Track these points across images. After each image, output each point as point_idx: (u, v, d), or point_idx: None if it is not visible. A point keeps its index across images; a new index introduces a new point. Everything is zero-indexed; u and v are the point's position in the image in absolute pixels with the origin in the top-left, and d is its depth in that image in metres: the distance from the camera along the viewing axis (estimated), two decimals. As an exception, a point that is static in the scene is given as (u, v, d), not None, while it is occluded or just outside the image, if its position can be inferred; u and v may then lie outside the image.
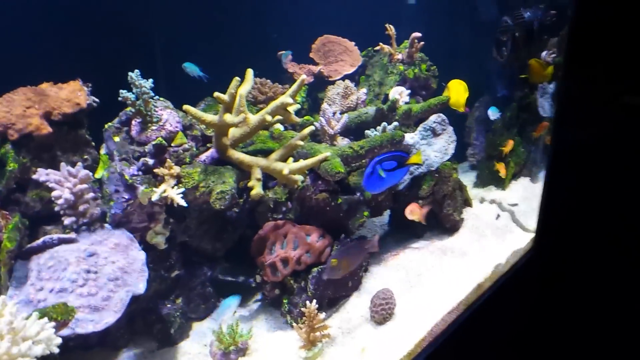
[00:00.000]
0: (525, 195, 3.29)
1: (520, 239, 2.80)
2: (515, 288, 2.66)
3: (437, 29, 3.10)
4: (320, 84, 3.01)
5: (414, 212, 2.57)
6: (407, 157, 2.21)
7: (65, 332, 1.67)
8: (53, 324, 1.52)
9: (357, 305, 2.37)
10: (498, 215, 3.08)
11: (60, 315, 1.61)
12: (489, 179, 3.45)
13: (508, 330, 2.75)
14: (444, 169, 2.76)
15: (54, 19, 2.09)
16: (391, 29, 2.89)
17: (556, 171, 2.65)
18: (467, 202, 3.13)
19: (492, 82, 3.54)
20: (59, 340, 1.53)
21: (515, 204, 3.17)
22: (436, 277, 2.54)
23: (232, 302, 2.17)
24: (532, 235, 2.81)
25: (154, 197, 1.94)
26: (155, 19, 2.40)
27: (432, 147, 2.76)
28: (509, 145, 3.23)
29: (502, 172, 3.27)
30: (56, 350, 1.51)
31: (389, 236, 2.91)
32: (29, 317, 1.49)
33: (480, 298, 2.44)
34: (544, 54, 3.39)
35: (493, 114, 3.29)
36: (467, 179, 3.49)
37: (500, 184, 3.36)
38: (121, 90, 1.99)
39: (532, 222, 2.89)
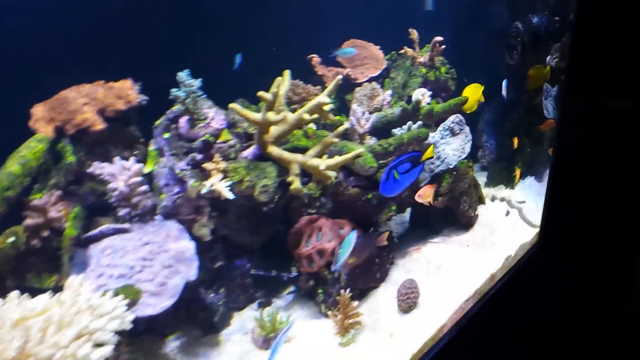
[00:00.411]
0: (532, 193, 3.41)
1: (527, 234, 2.95)
2: (523, 278, 2.78)
3: (453, 34, 3.21)
4: (346, 86, 3.10)
5: (424, 194, 2.55)
6: (421, 156, 2.28)
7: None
8: (126, 301, 1.63)
9: (385, 295, 2.47)
10: (507, 212, 3.23)
11: (129, 295, 1.71)
12: (498, 178, 3.58)
13: (518, 317, 2.89)
14: (461, 167, 2.88)
15: (106, 22, 2.18)
16: (414, 33, 3.01)
17: (559, 170, 2.83)
18: (480, 200, 3.26)
19: (502, 85, 3.64)
20: (132, 317, 1.64)
21: (523, 202, 3.31)
22: (454, 269, 2.65)
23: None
24: (537, 230, 2.96)
25: (204, 190, 2.03)
26: (192, 24, 2.50)
27: (451, 146, 2.87)
28: (516, 141, 3.38)
29: (518, 175, 3.44)
30: (129, 327, 1.62)
31: (410, 232, 3.03)
32: (103, 295, 1.60)
33: (493, 287, 2.58)
34: (548, 58, 3.48)
35: (504, 87, 3.37)
36: (479, 179, 3.54)
37: (509, 183, 3.49)
38: (172, 89, 2.08)
39: (537, 218, 3.00)
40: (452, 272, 2.64)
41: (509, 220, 3.16)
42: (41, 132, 1.94)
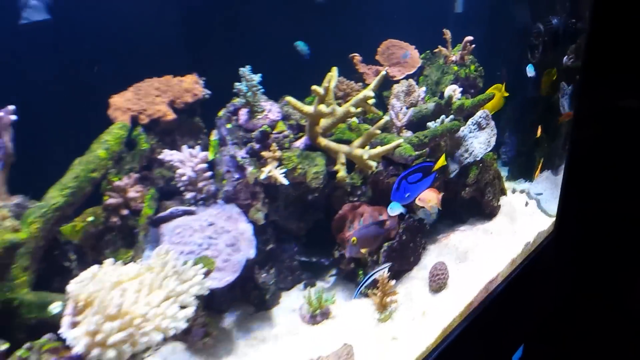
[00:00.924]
0: (549, 185, 3.54)
1: (544, 223, 3.10)
2: (541, 263, 2.94)
3: (480, 34, 3.33)
4: (384, 83, 3.22)
5: (426, 199, 2.44)
6: (432, 166, 2.33)
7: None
8: (205, 269, 1.80)
9: (417, 276, 2.63)
10: (527, 203, 3.37)
11: (206, 265, 1.89)
12: (519, 172, 3.74)
13: (535, 298, 3.04)
14: (486, 159, 3.02)
15: (175, 23, 2.36)
16: (448, 34, 3.15)
17: (573, 165, 2.89)
18: (502, 191, 3.41)
19: (525, 84, 3.71)
20: (210, 283, 1.82)
21: (541, 194, 3.45)
22: (480, 254, 2.80)
23: None
24: (554, 219, 3.08)
25: (263, 176, 2.18)
26: (249, 28, 2.69)
27: (478, 139, 3.00)
28: (539, 131, 3.52)
29: (539, 168, 3.58)
30: (207, 292, 1.78)
31: (438, 222, 3.13)
32: (185, 264, 1.77)
33: (514, 271, 2.72)
34: (564, 58, 3.56)
35: (530, 71, 3.45)
36: (501, 173, 3.68)
37: (529, 176, 3.63)
38: (236, 83, 2.23)
39: (554, 208, 3.14)
40: (478, 257, 2.78)
41: (528, 210, 3.31)
42: (119, 121, 2.12)
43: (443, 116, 2.83)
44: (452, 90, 2.98)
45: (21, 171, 1.96)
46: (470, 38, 3.17)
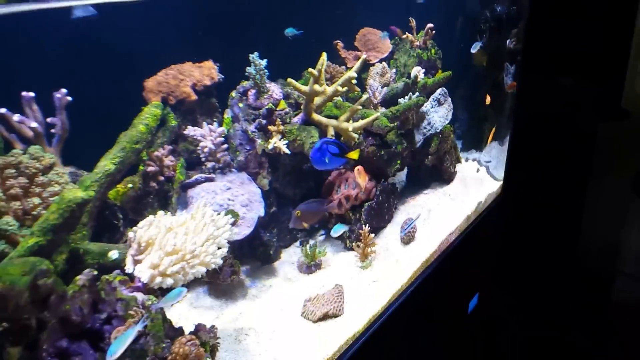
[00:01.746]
0: (496, 154, 3.82)
1: (493, 186, 3.47)
2: (491, 219, 3.31)
3: (437, 21, 3.67)
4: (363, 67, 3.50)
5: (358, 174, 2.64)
6: (347, 150, 2.46)
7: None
8: (232, 220, 2.10)
9: (391, 232, 2.93)
10: (478, 170, 3.72)
11: (234, 216, 2.25)
12: (471, 144, 4.12)
13: (487, 251, 3.51)
14: (444, 131, 3.33)
15: (194, 18, 2.67)
16: (413, 22, 3.48)
17: (517, 135, 3.38)
18: (458, 159, 3.73)
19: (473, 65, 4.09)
20: (237, 230, 2.18)
21: (489, 161, 3.79)
22: (440, 212, 3.13)
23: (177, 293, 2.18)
24: (501, 183, 3.49)
25: (270, 147, 2.50)
26: (252, 21, 3.03)
27: (438, 114, 3.31)
28: (488, 99, 3.89)
29: (490, 139, 3.92)
30: (235, 238, 2.13)
31: (406, 187, 3.51)
32: (219, 215, 2.07)
33: (469, 226, 3.08)
34: (507, 42, 3.85)
35: (475, 47, 3.73)
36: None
37: (479, 147, 4.00)
38: (247, 68, 2.54)
39: (500, 174, 3.54)
40: (439, 215, 3.10)
41: (479, 176, 3.65)
42: (153, 101, 2.46)
43: (410, 93, 3.16)
44: (417, 71, 3.32)
45: (73, 145, 2.27)
46: (431, 25, 3.50)
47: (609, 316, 3.78)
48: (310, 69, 2.52)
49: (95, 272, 1.73)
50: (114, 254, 2.08)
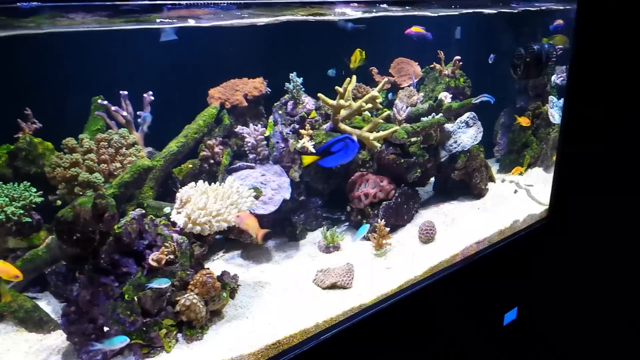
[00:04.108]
0: (538, 179, 3.92)
1: (535, 208, 3.38)
2: (532, 239, 3.26)
3: (475, 54, 3.94)
4: (394, 89, 3.90)
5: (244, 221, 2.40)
6: (349, 141, 2.63)
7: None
8: (254, 193, 2.58)
9: (410, 230, 3.13)
10: (516, 190, 3.72)
11: (256, 191, 2.72)
12: (509, 167, 4.15)
13: (529, 269, 3.38)
14: (473, 149, 3.49)
15: (249, 45, 3.33)
16: (441, 54, 3.79)
17: (564, 163, 3.29)
18: (491, 178, 3.83)
19: (513, 96, 4.30)
20: (259, 204, 2.73)
21: (531, 185, 3.79)
22: (467, 222, 3.18)
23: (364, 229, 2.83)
24: (544, 207, 3.38)
25: (298, 146, 2.93)
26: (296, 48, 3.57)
27: (466, 134, 3.54)
28: (523, 120, 4.00)
29: (526, 162, 4.06)
30: (260, 212, 2.69)
31: (432, 197, 3.66)
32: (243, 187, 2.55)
33: (503, 240, 3.06)
34: (554, 77, 4.19)
35: (491, 58, 3.91)
36: (493, 168, 4.11)
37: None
38: (287, 84, 3.06)
39: (543, 198, 3.47)
40: (465, 224, 3.16)
41: (517, 197, 3.63)
42: (213, 104, 3.20)
43: (434, 114, 3.47)
44: (444, 96, 3.60)
45: (155, 131, 2.98)
46: (458, 57, 3.77)
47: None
48: (337, 87, 2.94)
49: (144, 212, 2.41)
50: (167, 209, 2.67)
